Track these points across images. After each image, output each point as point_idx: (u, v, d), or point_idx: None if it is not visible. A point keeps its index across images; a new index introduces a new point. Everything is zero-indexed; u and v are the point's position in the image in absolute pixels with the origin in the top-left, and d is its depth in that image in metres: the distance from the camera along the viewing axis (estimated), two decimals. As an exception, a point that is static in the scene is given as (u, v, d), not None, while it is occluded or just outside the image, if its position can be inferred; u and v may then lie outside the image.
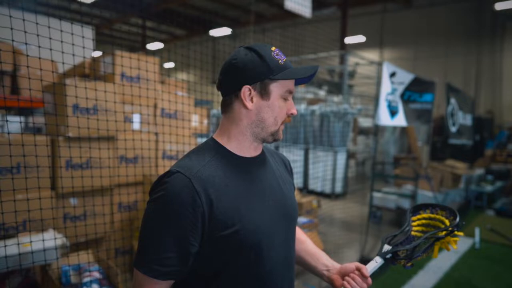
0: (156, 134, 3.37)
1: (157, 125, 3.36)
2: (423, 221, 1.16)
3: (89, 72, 3.38)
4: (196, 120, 4.15)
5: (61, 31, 1.99)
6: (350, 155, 8.00)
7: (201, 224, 0.87)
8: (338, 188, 7.02)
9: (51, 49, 1.99)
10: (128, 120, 3.17)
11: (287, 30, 12.36)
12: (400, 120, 4.28)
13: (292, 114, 0.99)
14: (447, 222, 1.10)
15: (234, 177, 0.94)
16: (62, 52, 2.00)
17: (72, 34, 2.05)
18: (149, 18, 13.92)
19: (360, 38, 13.03)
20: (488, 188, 6.80)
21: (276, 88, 0.95)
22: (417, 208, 1.19)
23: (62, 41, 2.00)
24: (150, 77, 3.28)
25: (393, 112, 4.07)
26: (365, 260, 1.21)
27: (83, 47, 2.20)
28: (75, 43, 2.11)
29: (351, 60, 7.95)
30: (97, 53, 3.33)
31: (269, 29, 13.80)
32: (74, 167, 2.74)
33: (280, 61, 0.95)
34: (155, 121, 3.37)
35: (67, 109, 2.58)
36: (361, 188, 7.74)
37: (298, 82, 1.01)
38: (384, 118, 3.93)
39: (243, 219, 0.91)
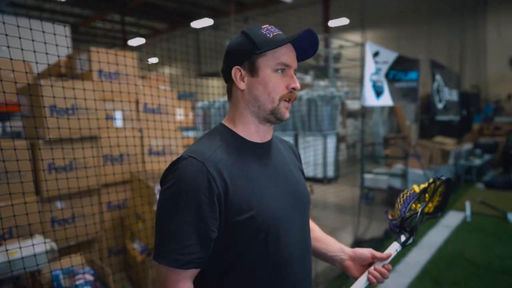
0: (140, 130, 3.31)
1: (140, 121, 3.30)
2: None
3: (65, 71, 3.28)
4: (181, 114, 4.09)
5: (35, 30, 1.90)
6: (340, 139, 8.02)
7: (218, 208, 0.85)
8: (330, 172, 7.04)
9: (23, 50, 1.90)
10: (109, 118, 3.10)
11: (270, 16, 12.24)
12: (386, 100, 4.27)
13: (293, 88, 0.93)
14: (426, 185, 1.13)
15: (246, 162, 0.92)
16: (35, 52, 1.91)
17: (45, 33, 1.96)
18: (127, 13, 13.63)
19: (344, 21, 12.95)
20: (477, 162, 6.89)
21: (264, 62, 0.91)
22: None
23: (35, 41, 1.91)
24: (129, 72, 3.20)
25: (378, 92, 4.06)
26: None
27: (57, 45, 2.12)
28: (49, 42, 2.03)
29: (336, 43, 7.90)
30: (72, 51, 3.22)
31: (251, 17, 13.63)
32: (57, 169, 2.67)
33: (268, 35, 0.92)
34: (138, 117, 3.30)
35: (44, 111, 2.50)
36: (353, 171, 7.78)
37: (302, 57, 0.98)
38: (370, 98, 3.91)
39: (259, 204, 0.89)
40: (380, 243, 3.97)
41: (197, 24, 13.76)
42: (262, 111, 0.94)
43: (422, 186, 1.12)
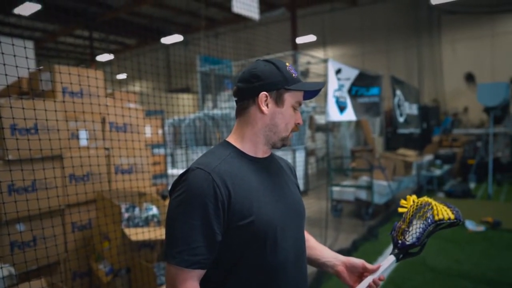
0: (107, 149, 3.28)
1: (106, 140, 3.27)
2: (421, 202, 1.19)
3: (27, 89, 3.22)
4: (149, 131, 4.09)
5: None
6: (310, 152, 8.20)
7: (222, 213, 0.95)
8: (300, 185, 7.15)
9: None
10: (74, 137, 3.05)
11: (240, 33, 12.46)
12: (349, 115, 4.46)
13: (299, 124, 1.10)
14: (450, 213, 1.14)
15: (248, 173, 1.03)
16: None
17: (4, 54, 1.95)
18: (95, 28, 13.45)
19: (311, 38, 13.41)
20: (437, 172, 7.25)
21: (290, 97, 1.06)
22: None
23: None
24: (95, 91, 3.18)
25: (341, 108, 4.24)
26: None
27: (17, 67, 2.10)
28: (9, 64, 2.01)
29: (303, 59, 8.16)
30: (36, 68, 3.18)
31: (222, 33, 13.83)
32: (17, 191, 2.60)
33: (293, 74, 1.07)
34: (104, 136, 3.27)
35: (4, 131, 2.45)
36: (322, 184, 7.95)
37: (304, 97, 1.12)
38: (333, 114, 4.08)
39: (258, 210, 0.99)
40: (347, 254, 4.08)
41: (167, 40, 13.78)
42: (276, 137, 1.08)
43: (441, 215, 1.12)
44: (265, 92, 1.04)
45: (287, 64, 1.09)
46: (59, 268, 2.88)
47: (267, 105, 1.05)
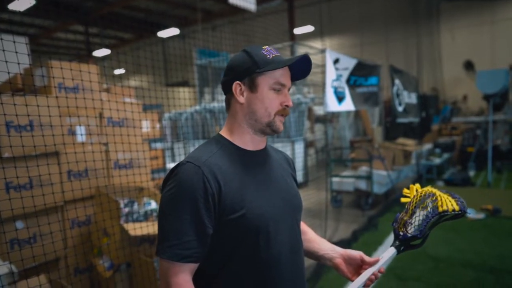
0: (105, 144, 3.25)
1: (104, 135, 3.25)
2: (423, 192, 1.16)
3: (23, 86, 3.19)
4: (147, 126, 4.06)
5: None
6: (309, 144, 8.18)
7: (212, 207, 0.94)
8: (299, 177, 7.16)
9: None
10: (71, 133, 3.03)
11: (238, 25, 12.35)
12: (348, 105, 4.43)
13: (287, 106, 1.04)
14: (454, 203, 1.11)
15: (239, 166, 1.02)
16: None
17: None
18: (91, 23, 13.33)
19: (309, 28, 13.30)
20: (437, 161, 7.25)
21: (264, 80, 1.01)
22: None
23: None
24: (91, 86, 3.15)
25: (340, 98, 4.21)
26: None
27: (7, 62, 2.07)
28: (3, 57, 1.98)
29: (302, 50, 8.10)
30: (31, 64, 3.14)
31: (219, 26, 13.70)
32: (15, 188, 2.58)
33: (268, 56, 1.02)
34: (101, 131, 3.25)
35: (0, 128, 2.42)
36: (322, 175, 7.95)
37: (294, 77, 1.07)
38: (332, 104, 4.05)
39: (250, 204, 0.97)
40: (347, 245, 4.09)
41: (163, 33, 13.66)
42: (259, 124, 1.04)
43: (445, 206, 1.09)
44: (237, 82, 1.03)
45: (264, 47, 1.04)
46: (59, 264, 2.89)
47: (242, 94, 1.03)
